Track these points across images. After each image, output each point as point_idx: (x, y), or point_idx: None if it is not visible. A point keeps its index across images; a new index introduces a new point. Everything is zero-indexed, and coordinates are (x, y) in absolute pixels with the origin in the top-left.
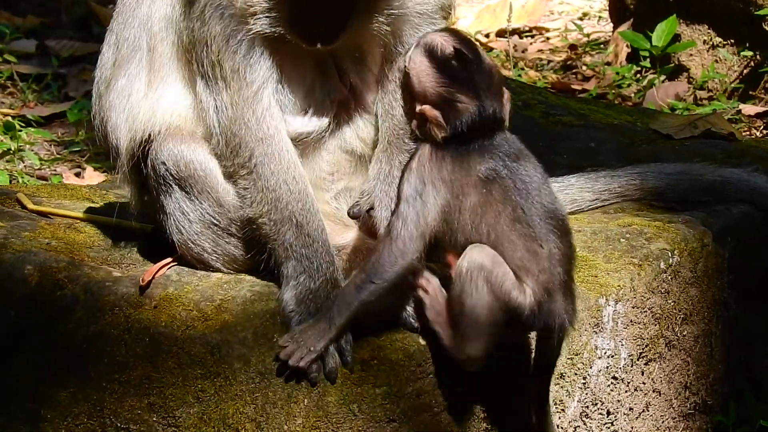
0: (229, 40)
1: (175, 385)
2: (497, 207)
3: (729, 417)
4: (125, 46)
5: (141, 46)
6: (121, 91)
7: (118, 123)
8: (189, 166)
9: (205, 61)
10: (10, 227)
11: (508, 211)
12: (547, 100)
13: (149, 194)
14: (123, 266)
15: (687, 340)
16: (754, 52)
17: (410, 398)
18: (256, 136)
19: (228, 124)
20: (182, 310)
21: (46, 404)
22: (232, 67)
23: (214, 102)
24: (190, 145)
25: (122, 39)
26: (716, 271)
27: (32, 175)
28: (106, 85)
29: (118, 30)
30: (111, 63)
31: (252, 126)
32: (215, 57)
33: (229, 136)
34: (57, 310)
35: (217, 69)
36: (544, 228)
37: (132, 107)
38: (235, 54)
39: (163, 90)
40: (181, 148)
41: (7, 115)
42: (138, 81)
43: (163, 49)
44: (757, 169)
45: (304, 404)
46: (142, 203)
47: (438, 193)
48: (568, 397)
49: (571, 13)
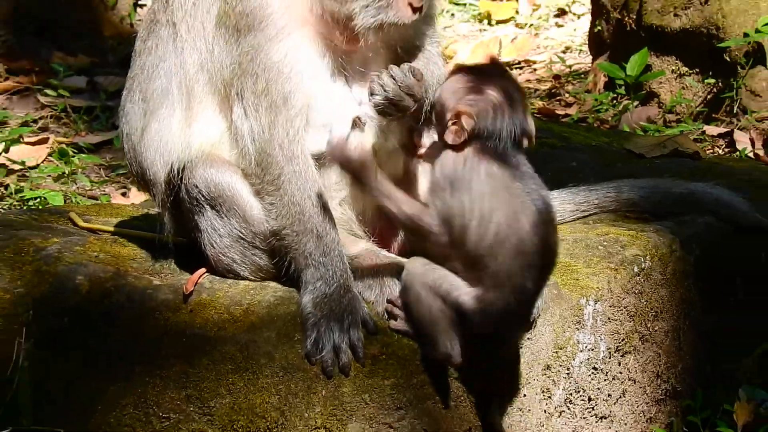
0: (283, 69)
1: (209, 379)
2: (513, 234)
3: (696, 401)
4: (153, 96)
5: (171, 92)
6: (155, 134)
7: (155, 160)
8: (218, 188)
9: (248, 91)
10: (64, 242)
11: (520, 235)
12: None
13: (184, 216)
14: (162, 276)
15: (658, 334)
16: (716, 80)
17: (415, 388)
18: (286, 156)
19: (262, 146)
20: (214, 314)
21: (97, 397)
22: (281, 93)
23: (250, 126)
24: (220, 168)
25: (149, 92)
26: (683, 274)
27: (84, 195)
28: (138, 134)
29: (141, 87)
30: (141, 115)
31: (285, 147)
32: (263, 86)
33: (262, 156)
34: (105, 315)
35: (262, 96)
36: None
37: (167, 144)
38: (286, 82)
39: (197, 124)
40: (211, 172)
41: (62, 143)
42: (171, 121)
43: (199, 89)
44: (718, 183)
45: (322, 395)
46: (178, 224)
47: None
48: (554, 385)
49: (555, 47)
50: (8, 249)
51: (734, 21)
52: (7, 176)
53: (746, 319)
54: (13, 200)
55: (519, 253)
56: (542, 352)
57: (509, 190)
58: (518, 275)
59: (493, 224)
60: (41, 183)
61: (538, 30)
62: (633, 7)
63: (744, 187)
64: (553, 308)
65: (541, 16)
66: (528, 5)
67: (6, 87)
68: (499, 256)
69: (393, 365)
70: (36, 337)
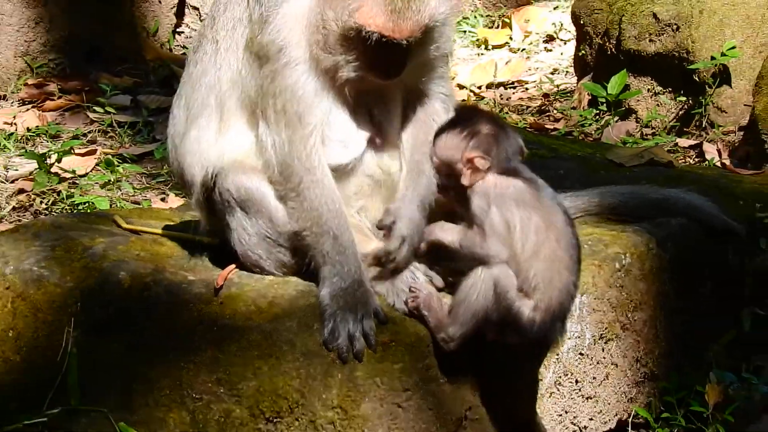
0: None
1: (237, 364)
2: (552, 233)
3: (671, 383)
4: (195, 106)
5: (209, 104)
6: (194, 140)
7: (192, 163)
8: (248, 192)
9: (269, 109)
10: (109, 242)
11: (554, 238)
12: (526, 138)
13: (216, 215)
14: (196, 272)
15: (637, 323)
16: (687, 98)
17: (421, 371)
18: (305, 166)
19: (284, 158)
20: (242, 306)
21: (137, 380)
22: (296, 113)
23: (272, 140)
24: (250, 175)
25: (192, 101)
26: (659, 270)
27: (127, 200)
28: (180, 138)
29: (187, 95)
30: (183, 120)
31: (303, 159)
32: (281, 105)
33: (283, 167)
34: (145, 307)
35: (281, 115)
36: (571, 260)
37: (203, 151)
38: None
39: (229, 135)
40: (242, 178)
41: (108, 154)
42: (208, 131)
43: (231, 103)
44: (691, 189)
45: (338, 378)
46: (211, 222)
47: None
48: (544, 369)
49: (544, 69)
50: (59, 248)
51: (702, 46)
52: (60, 183)
53: (715, 309)
54: (65, 205)
55: (559, 253)
56: None
57: (536, 197)
58: (564, 274)
59: (533, 228)
60: (89, 189)
61: (529, 54)
62: (613, 34)
63: (712, 192)
64: None
65: (531, 42)
66: (520, 32)
67: (59, 105)
68: (542, 257)
69: (401, 351)
70: (83, 326)
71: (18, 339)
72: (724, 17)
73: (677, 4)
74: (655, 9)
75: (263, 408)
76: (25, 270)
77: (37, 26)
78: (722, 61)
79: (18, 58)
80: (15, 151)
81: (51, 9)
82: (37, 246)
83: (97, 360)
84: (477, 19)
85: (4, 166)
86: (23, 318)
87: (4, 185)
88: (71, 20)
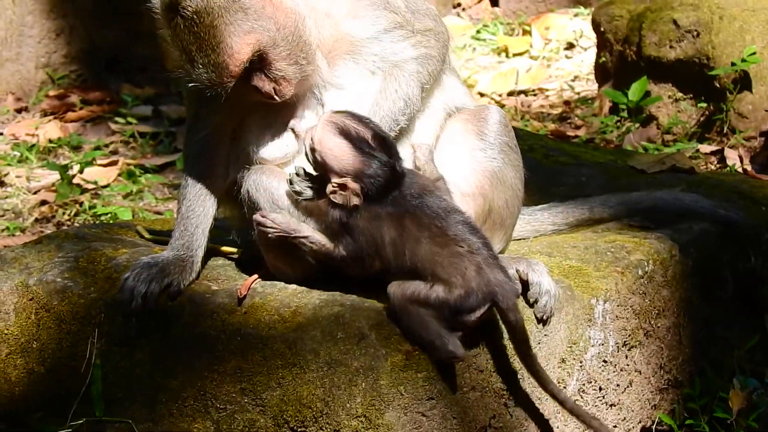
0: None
1: (261, 374)
2: (414, 235)
3: (695, 390)
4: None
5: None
6: None
7: None
8: (267, 190)
9: None
10: (131, 252)
11: (426, 234)
12: (548, 145)
13: (241, 212)
14: (219, 282)
15: (661, 330)
16: (708, 104)
17: (445, 380)
18: None
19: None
20: (266, 315)
21: (162, 389)
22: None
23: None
24: (269, 176)
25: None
26: (682, 276)
27: (149, 210)
28: None
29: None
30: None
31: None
32: None
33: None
34: (169, 317)
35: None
36: (461, 231)
37: None
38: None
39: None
40: (262, 178)
41: (130, 165)
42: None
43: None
44: (683, 189)
45: (361, 387)
46: (237, 219)
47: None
48: (568, 377)
49: (565, 76)
50: (83, 259)
51: (723, 52)
52: (82, 194)
53: (738, 314)
54: (87, 215)
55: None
56: (558, 347)
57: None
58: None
59: (388, 244)
60: (112, 200)
61: (549, 61)
62: (633, 41)
63: (733, 197)
64: (567, 308)
65: (552, 49)
66: (540, 39)
67: (81, 115)
68: (419, 251)
69: (425, 360)
70: (107, 337)
71: (42, 350)
72: (744, 23)
73: (697, 10)
74: (675, 15)
75: (287, 417)
76: (48, 281)
77: (58, 38)
78: (743, 66)
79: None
80: (37, 162)
81: (71, 20)
82: (60, 257)
83: (121, 370)
84: (497, 27)
85: (27, 178)
86: (47, 329)
87: (27, 196)
88: (92, 31)
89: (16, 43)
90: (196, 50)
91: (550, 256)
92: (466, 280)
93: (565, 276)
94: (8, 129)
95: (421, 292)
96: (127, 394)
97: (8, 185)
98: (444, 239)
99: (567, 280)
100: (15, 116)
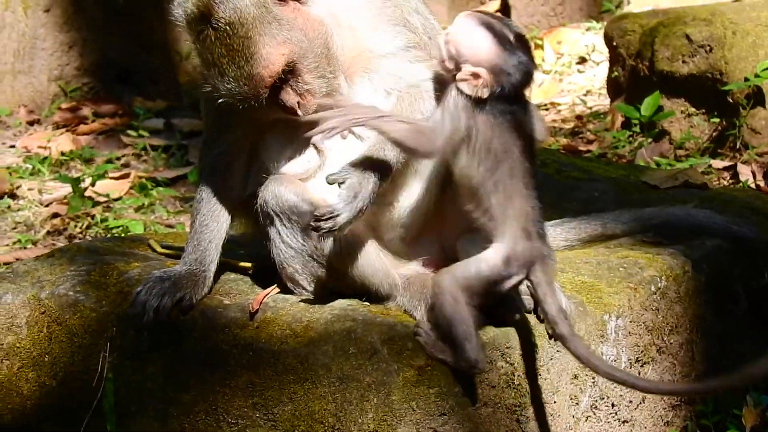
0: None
1: (273, 389)
2: (509, 167)
3: (707, 407)
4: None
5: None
6: None
7: None
8: (284, 203)
9: None
10: (143, 266)
11: (516, 181)
12: (560, 159)
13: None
14: (231, 296)
15: (673, 346)
16: (721, 119)
17: (457, 396)
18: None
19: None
20: (278, 329)
21: (173, 404)
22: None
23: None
24: (287, 186)
25: None
26: (695, 292)
27: (161, 224)
28: None
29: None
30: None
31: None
32: None
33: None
34: (181, 331)
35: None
36: (534, 193)
37: None
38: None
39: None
40: (280, 189)
41: (142, 178)
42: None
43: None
44: (696, 205)
45: (373, 402)
46: (253, 231)
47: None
48: (581, 393)
49: (577, 90)
50: (94, 272)
51: (736, 67)
52: (94, 207)
53: (750, 330)
54: (99, 228)
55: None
56: (570, 363)
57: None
58: (521, 194)
59: (492, 150)
60: (123, 213)
61: (562, 76)
62: (646, 55)
63: (746, 213)
64: (579, 323)
65: (564, 64)
66: (553, 54)
67: (93, 128)
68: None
69: (437, 375)
70: (119, 351)
71: (54, 363)
72: (758, 38)
73: (710, 25)
74: (688, 30)
75: None
76: (60, 294)
77: (71, 50)
78: (756, 82)
79: (52, 82)
80: (49, 175)
81: (84, 33)
82: (72, 270)
83: (132, 384)
84: None
85: (39, 190)
86: (59, 343)
87: (39, 209)
88: (104, 44)
89: (29, 56)
90: (227, 63)
91: (562, 272)
92: (515, 244)
93: (578, 292)
94: (21, 142)
95: (470, 267)
96: (139, 408)
97: (20, 198)
98: (526, 191)
99: (579, 296)
100: (27, 129)
